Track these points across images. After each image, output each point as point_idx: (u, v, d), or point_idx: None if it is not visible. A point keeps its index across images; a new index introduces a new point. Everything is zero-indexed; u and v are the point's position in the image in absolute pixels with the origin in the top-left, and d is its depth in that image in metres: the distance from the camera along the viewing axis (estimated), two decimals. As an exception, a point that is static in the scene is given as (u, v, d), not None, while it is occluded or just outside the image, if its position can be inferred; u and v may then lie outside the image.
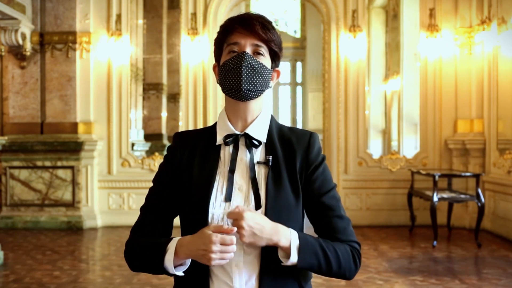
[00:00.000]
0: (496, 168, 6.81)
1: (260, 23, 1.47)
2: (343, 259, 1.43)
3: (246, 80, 1.43)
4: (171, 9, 10.45)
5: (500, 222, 6.68)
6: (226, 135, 1.49)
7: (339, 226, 1.48)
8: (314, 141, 1.52)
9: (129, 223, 7.37)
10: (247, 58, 1.44)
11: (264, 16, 1.51)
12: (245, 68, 1.43)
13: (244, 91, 1.44)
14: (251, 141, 1.48)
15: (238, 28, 1.47)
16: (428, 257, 5.64)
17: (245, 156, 1.49)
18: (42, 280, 4.72)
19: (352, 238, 1.49)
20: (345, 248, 1.45)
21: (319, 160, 1.50)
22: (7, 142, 7.17)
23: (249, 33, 1.46)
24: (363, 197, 7.48)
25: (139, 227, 1.52)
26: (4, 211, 7.38)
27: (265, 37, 1.46)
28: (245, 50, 1.45)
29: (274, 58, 1.51)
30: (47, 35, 7.39)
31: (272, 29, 1.49)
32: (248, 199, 1.44)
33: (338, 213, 1.49)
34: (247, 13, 1.51)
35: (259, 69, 1.45)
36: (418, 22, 7.76)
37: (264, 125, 1.51)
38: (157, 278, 4.69)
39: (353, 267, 1.46)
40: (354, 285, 4.57)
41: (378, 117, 11.82)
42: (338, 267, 1.42)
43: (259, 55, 1.47)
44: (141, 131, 9.50)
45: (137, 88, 9.05)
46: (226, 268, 1.41)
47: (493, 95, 6.83)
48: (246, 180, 1.46)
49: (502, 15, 6.59)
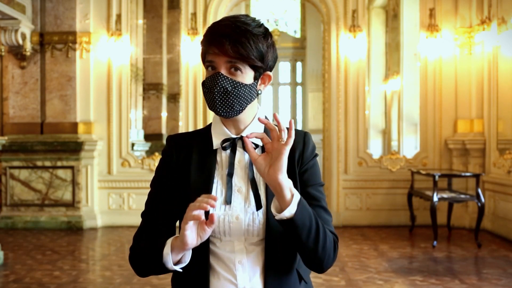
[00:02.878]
0: (496, 168, 6.81)
1: (232, 39, 1.38)
2: (328, 241, 1.41)
3: (221, 103, 1.42)
4: (171, 9, 10.45)
5: (500, 222, 6.68)
6: (223, 140, 1.49)
7: (322, 215, 1.47)
8: (309, 140, 1.52)
9: (129, 223, 7.38)
10: (220, 80, 1.40)
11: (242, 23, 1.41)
12: (218, 93, 1.41)
13: (221, 113, 1.44)
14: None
15: (210, 48, 1.42)
16: (428, 257, 5.64)
17: (243, 158, 1.49)
18: (42, 280, 4.72)
19: (333, 230, 1.48)
20: (330, 233, 1.44)
21: (311, 157, 1.51)
22: (7, 142, 7.16)
23: (220, 52, 1.40)
24: (363, 197, 7.48)
25: (141, 233, 1.54)
26: (4, 211, 7.38)
27: (238, 55, 1.39)
28: (219, 70, 1.41)
29: (256, 69, 1.44)
30: (47, 35, 7.39)
31: (248, 41, 1.39)
32: (248, 200, 1.44)
33: (322, 204, 1.49)
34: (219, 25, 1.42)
35: (234, 91, 1.41)
36: (418, 22, 7.76)
37: (259, 129, 1.51)
38: (157, 278, 4.69)
39: (332, 255, 1.44)
40: (354, 285, 4.57)
41: (378, 117, 11.81)
42: (323, 244, 1.39)
43: (236, 71, 1.41)
44: (141, 131, 9.49)
45: (137, 88, 9.04)
46: (229, 265, 1.42)
47: (493, 95, 6.83)
48: (245, 182, 1.46)
49: (502, 15, 6.59)
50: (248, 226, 1.42)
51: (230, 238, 1.42)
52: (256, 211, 1.43)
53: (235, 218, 1.42)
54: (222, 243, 1.44)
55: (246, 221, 1.42)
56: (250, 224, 1.42)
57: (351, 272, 4.99)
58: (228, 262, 1.42)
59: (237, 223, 1.42)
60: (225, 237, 1.43)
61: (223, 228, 1.42)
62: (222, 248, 1.44)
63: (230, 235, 1.42)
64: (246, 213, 1.43)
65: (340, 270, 5.06)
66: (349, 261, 5.43)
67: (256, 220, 1.42)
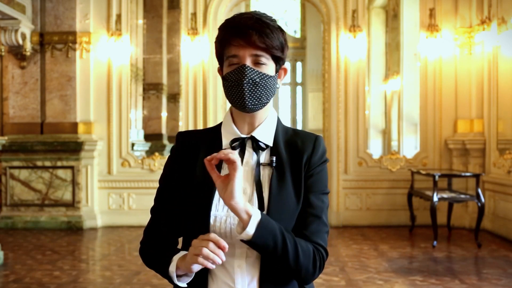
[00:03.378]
0: (496, 168, 6.81)
1: (257, 30, 1.37)
2: (302, 255, 1.37)
3: (249, 96, 1.40)
4: (171, 9, 10.45)
5: (500, 222, 6.68)
6: (233, 139, 1.47)
7: (313, 226, 1.43)
8: (319, 145, 1.49)
9: (129, 223, 7.38)
10: (248, 72, 1.38)
11: (261, 16, 1.41)
12: (247, 84, 1.38)
13: (249, 107, 1.41)
14: (257, 144, 1.46)
15: (234, 40, 1.39)
16: (428, 257, 5.64)
17: (251, 159, 1.46)
18: (42, 280, 4.72)
19: (320, 242, 1.43)
20: (307, 246, 1.39)
21: (319, 162, 1.48)
22: (7, 142, 7.16)
23: (246, 44, 1.38)
24: (363, 197, 7.48)
25: (151, 228, 1.53)
26: (4, 211, 7.38)
27: (263, 46, 1.39)
28: (244, 63, 1.39)
29: (278, 61, 1.44)
30: (47, 35, 7.39)
31: (272, 32, 1.40)
32: (252, 202, 1.42)
33: (318, 214, 1.45)
34: (241, 18, 1.41)
35: (262, 82, 1.40)
36: (418, 22, 7.76)
37: (271, 128, 1.49)
38: (157, 278, 4.69)
39: (311, 269, 1.39)
40: (354, 285, 4.57)
41: (378, 117, 11.82)
42: (294, 260, 1.35)
43: (260, 64, 1.40)
44: (141, 131, 9.50)
45: (137, 88, 9.05)
46: (228, 269, 1.41)
47: (493, 95, 6.83)
48: (251, 183, 1.44)
49: (502, 15, 6.59)
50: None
51: (231, 240, 1.39)
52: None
53: (237, 220, 1.38)
54: None
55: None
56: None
57: (351, 272, 4.99)
58: (227, 265, 1.40)
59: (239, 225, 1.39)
60: (226, 239, 1.39)
61: (224, 230, 1.39)
62: None
63: (231, 237, 1.39)
64: None
65: (340, 270, 5.06)
66: (349, 261, 5.43)
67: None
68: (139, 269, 5.07)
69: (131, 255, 5.79)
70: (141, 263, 5.29)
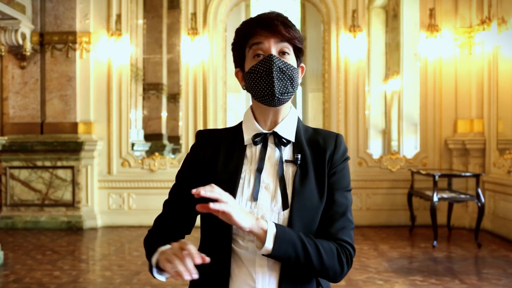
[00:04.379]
0: (496, 168, 6.81)
1: (281, 21, 1.43)
2: (326, 256, 1.36)
3: (279, 85, 1.40)
4: (171, 9, 10.44)
5: (500, 222, 6.68)
6: (255, 135, 1.46)
7: (338, 223, 1.42)
8: (341, 142, 1.49)
9: (129, 223, 7.38)
10: (276, 61, 1.40)
11: (282, 13, 1.48)
12: (276, 72, 1.39)
13: (278, 96, 1.41)
14: (280, 139, 1.45)
15: (259, 30, 1.42)
16: (428, 257, 5.64)
17: (273, 154, 1.46)
18: (42, 280, 4.72)
19: (346, 238, 1.42)
20: (329, 246, 1.38)
21: (342, 159, 1.48)
22: (7, 142, 7.16)
23: (272, 33, 1.41)
24: (363, 197, 7.48)
25: (160, 219, 1.53)
26: (4, 211, 7.38)
27: (288, 36, 1.42)
28: (271, 52, 1.41)
29: (298, 55, 1.47)
30: (47, 35, 7.39)
31: (293, 26, 1.45)
32: (275, 198, 1.41)
33: (343, 211, 1.44)
34: (264, 13, 1.47)
35: (289, 71, 1.41)
36: (418, 22, 7.75)
37: (293, 124, 1.49)
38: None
39: (338, 268, 1.39)
40: (354, 285, 4.57)
41: (378, 117, 11.81)
42: (319, 263, 1.35)
43: (285, 54, 1.43)
44: (141, 131, 9.50)
45: (137, 88, 9.05)
46: (249, 268, 1.39)
47: (493, 95, 6.83)
48: (274, 179, 1.43)
49: (502, 15, 6.59)
50: None
51: (253, 237, 1.36)
52: (282, 211, 1.39)
53: (261, 217, 1.37)
54: (245, 242, 1.39)
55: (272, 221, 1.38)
56: None
57: (351, 272, 4.99)
58: (248, 265, 1.38)
59: None
60: (249, 236, 1.38)
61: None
62: (244, 247, 1.39)
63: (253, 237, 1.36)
64: (272, 212, 1.39)
65: (340, 270, 5.05)
66: (349, 261, 5.42)
67: (281, 221, 1.39)
68: (139, 269, 5.07)
69: (131, 255, 5.79)
70: (141, 263, 5.29)
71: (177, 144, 9.79)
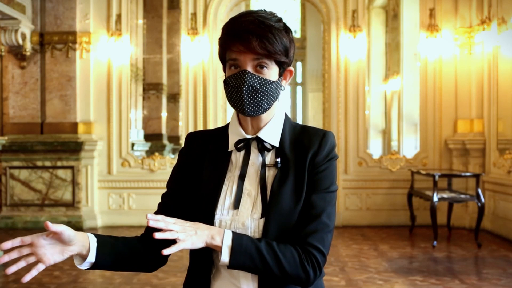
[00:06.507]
0: (496, 168, 6.81)
1: (258, 35, 1.33)
2: (287, 265, 1.32)
3: (249, 102, 1.37)
4: (171, 9, 10.44)
5: (500, 222, 6.68)
6: (238, 141, 1.44)
7: (310, 226, 1.36)
8: (326, 142, 1.45)
9: (129, 223, 7.38)
10: (248, 78, 1.35)
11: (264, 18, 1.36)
12: (246, 91, 1.35)
13: (248, 112, 1.39)
14: (263, 144, 1.43)
15: (235, 45, 1.35)
16: (428, 257, 5.64)
17: (256, 160, 1.44)
18: (42, 280, 4.72)
19: (315, 243, 1.35)
20: (291, 253, 1.33)
21: (325, 160, 1.44)
22: (7, 142, 7.16)
23: (246, 50, 1.34)
24: (363, 197, 7.48)
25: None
26: (4, 211, 7.38)
27: (265, 52, 1.34)
28: (245, 68, 1.36)
29: (281, 65, 1.40)
30: (47, 35, 7.39)
31: (274, 36, 1.34)
32: (256, 206, 1.40)
33: (318, 213, 1.38)
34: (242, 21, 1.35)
35: (263, 88, 1.37)
36: (418, 22, 7.76)
37: (277, 128, 1.45)
38: (157, 278, 4.70)
39: (302, 274, 1.33)
40: (354, 285, 4.58)
41: (378, 117, 11.81)
42: (281, 271, 1.32)
43: (263, 68, 1.37)
44: (141, 131, 9.50)
45: (137, 88, 9.05)
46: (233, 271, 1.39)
47: (493, 95, 6.83)
48: (256, 185, 1.42)
49: (502, 15, 6.59)
50: (254, 233, 1.38)
51: None
52: (260, 218, 1.38)
53: (241, 225, 1.38)
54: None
55: (252, 228, 1.38)
56: (255, 231, 1.38)
57: (351, 272, 4.99)
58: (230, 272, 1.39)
59: (243, 230, 1.37)
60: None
61: None
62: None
63: None
64: (252, 220, 1.38)
65: (340, 270, 5.06)
66: (349, 261, 5.43)
67: (260, 227, 1.38)
68: (139, 269, 5.06)
69: (131, 255, 5.78)
70: (141, 263, 5.27)
71: (177, 144, 9.80)
